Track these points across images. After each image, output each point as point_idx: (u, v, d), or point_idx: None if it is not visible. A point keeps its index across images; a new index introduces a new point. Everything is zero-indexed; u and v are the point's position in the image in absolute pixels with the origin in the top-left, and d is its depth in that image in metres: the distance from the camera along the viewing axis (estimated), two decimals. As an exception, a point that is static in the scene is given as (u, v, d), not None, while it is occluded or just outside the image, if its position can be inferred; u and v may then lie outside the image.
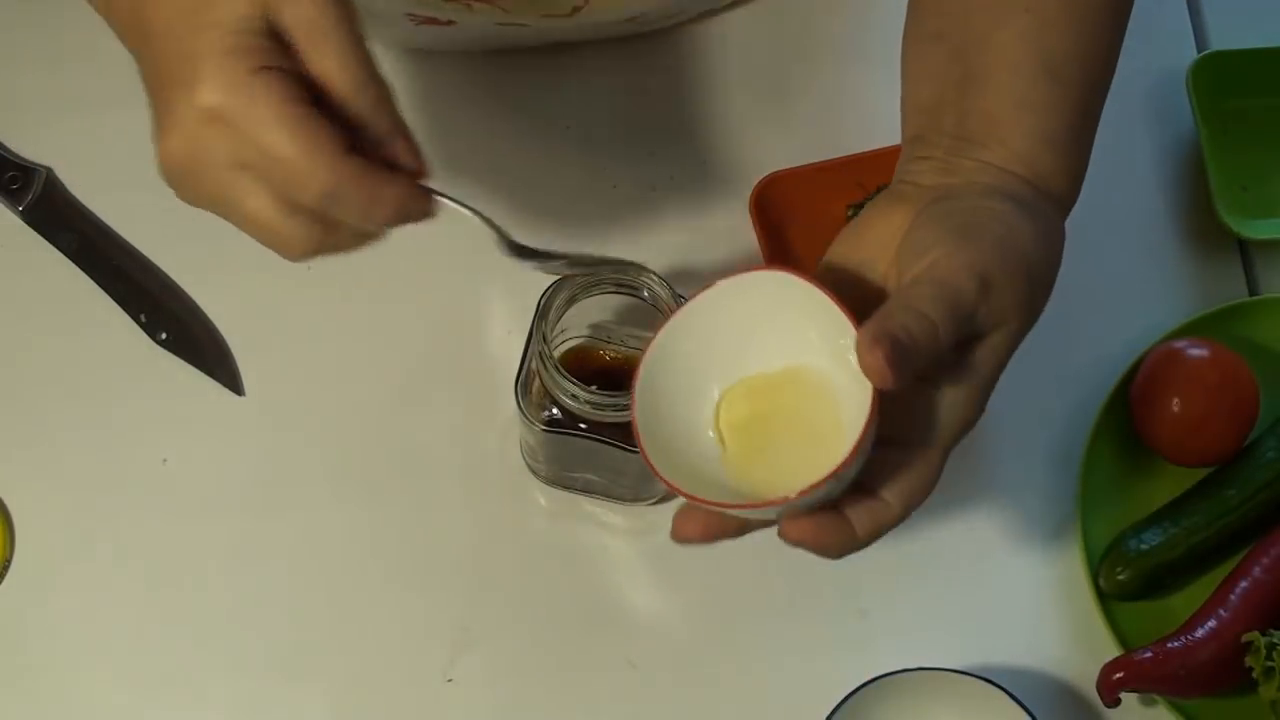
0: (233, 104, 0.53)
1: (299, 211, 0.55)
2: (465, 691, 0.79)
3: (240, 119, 0.53)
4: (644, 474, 0.79)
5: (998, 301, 0.59)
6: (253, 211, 0.55)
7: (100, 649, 0.79)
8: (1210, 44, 0.94)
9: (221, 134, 0.54)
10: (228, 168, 0.54)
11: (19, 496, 0.81)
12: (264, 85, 0.53)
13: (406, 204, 0.57)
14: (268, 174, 0.54)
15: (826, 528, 0.58)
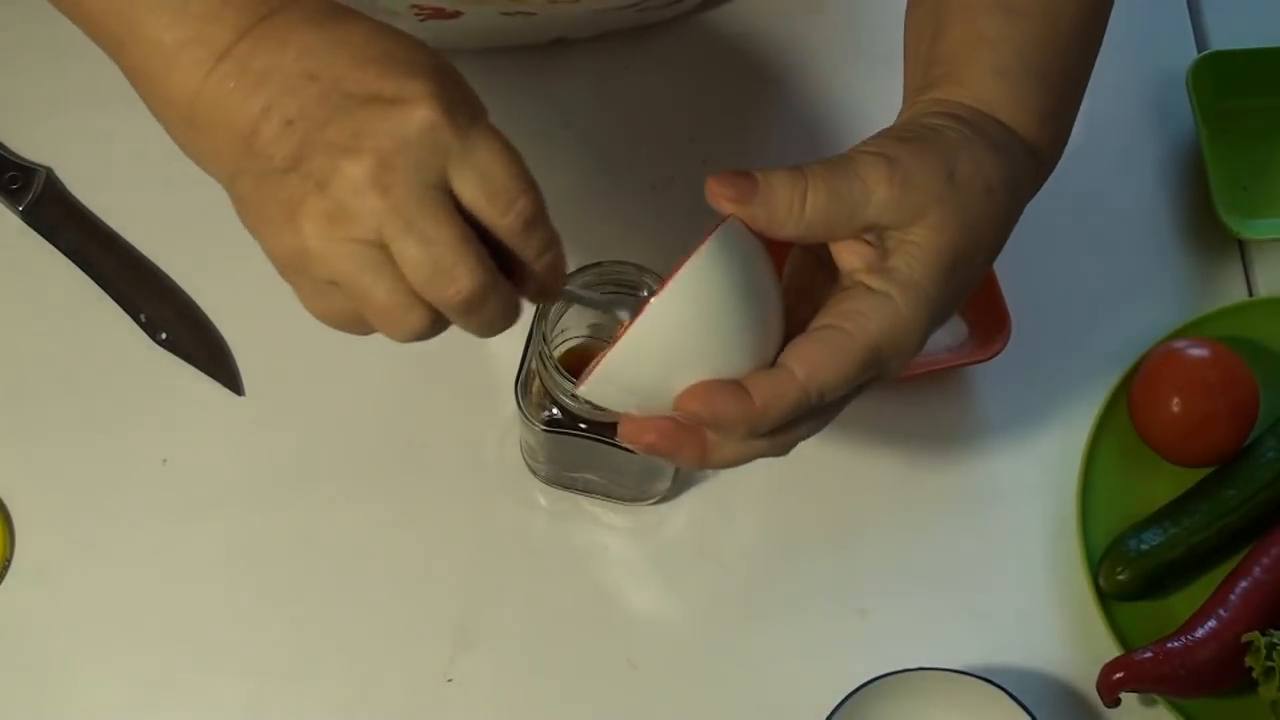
0: (452, 117, 0.52)
1: (478, 243, 0.54)
2: (465, 691, 0.79)
3: (460, 132, 0.53)
4: (644, 474, 0.79)
5: (911, 192, 0.57)
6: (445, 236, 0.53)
7: (100, 649, 0.79)
8: (1210, 44, 0.94)
9: (438, 144, 0.52)
10: (434, 188, 0.53)
11: (19, 496, 0.81)
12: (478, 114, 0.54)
13: (515, 314, 0.57)
14: (475, 186, 0.53)
15: (720, 393, 0.56)
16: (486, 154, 0.53)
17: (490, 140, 0.54)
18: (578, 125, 0.90)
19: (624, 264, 0.71)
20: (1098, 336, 0.87)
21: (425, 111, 0.52)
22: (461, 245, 0.53)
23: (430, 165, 0.53)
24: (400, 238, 0.53)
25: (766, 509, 0.84)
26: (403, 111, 0.52)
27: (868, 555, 0.83)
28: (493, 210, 0.54)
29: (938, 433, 0.85)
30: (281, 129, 0.53)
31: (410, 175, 0.52)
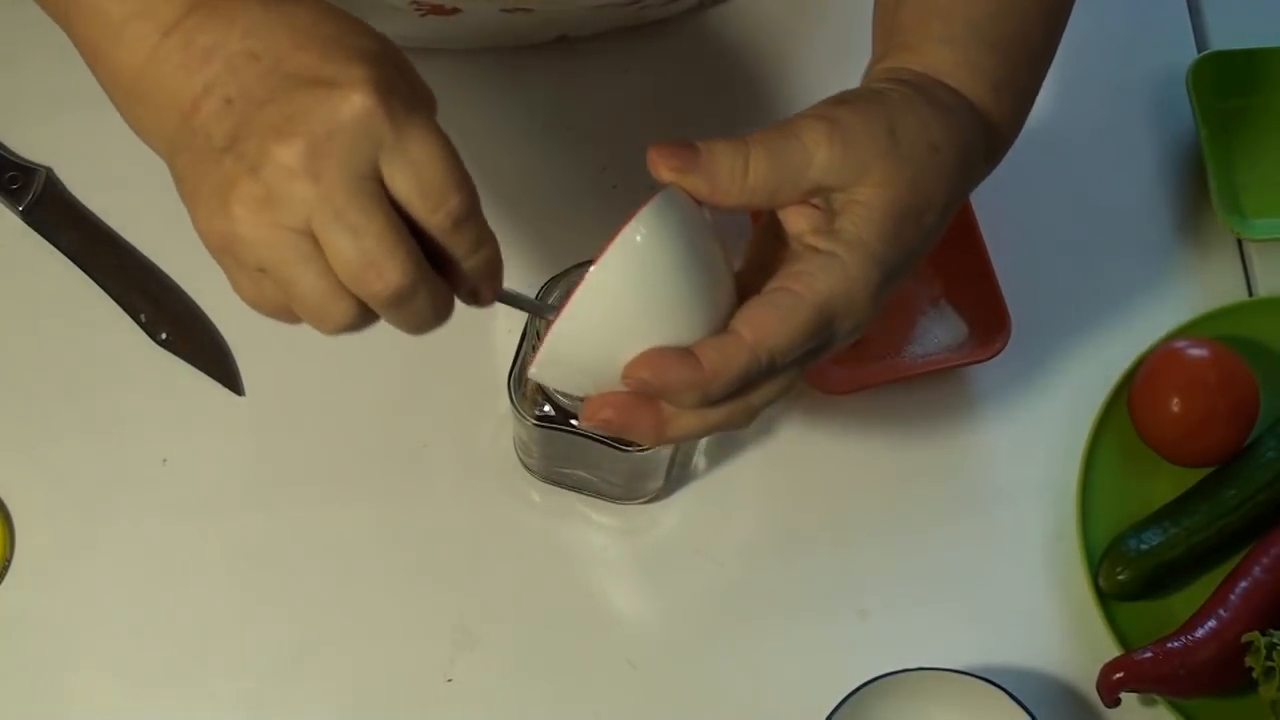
0: (389, 107, 0.51)
1: (410, 240, 0.53)
2: (465, 691, 0.79)
3: (396, 124, 0.52)
4: (635, 472, 0.79)
5: (853, 150, 0.57)
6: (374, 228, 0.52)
7: (100, 649, 0.79)
8: (1210, 44, 0.94)
9: (373, 134, 0.51)
10: (363, 175, 0.52)
11: (19, 496, 0.81)
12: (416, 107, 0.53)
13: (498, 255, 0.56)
14: (406, 181, 0.52)
15: (667, 359, 0.55)
16: (420, 148, 0.52)
17: (426, 134, 0.52)
18: (578, 126, 0.90)
19: None
20: (1098, 336, 0.87)
21: (360, 97, 0.51)
22: (391, 238, 0.52)
23: (362, 154, 0.52)
24: (328, 227, 0.52)
25: (763, 509, 0.84)
26: (338, 96, 0.51)
27: (867, 555, 0.83)
28: (423, 206, 0.53)
29: (938, 433, 0.85)
30: (221, 107, 0.53)
31: (341, 163, 0.51)
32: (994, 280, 0.83)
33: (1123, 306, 0.88)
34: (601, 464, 0.78)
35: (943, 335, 0.85)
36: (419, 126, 0.52)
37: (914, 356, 0.84)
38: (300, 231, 0.52)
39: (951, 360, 0.83)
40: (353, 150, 0.51)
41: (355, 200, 0.51)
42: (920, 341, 0.85)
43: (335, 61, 0.52)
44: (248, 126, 0.52)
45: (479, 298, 0.57)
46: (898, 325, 0.85)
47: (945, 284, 0.86)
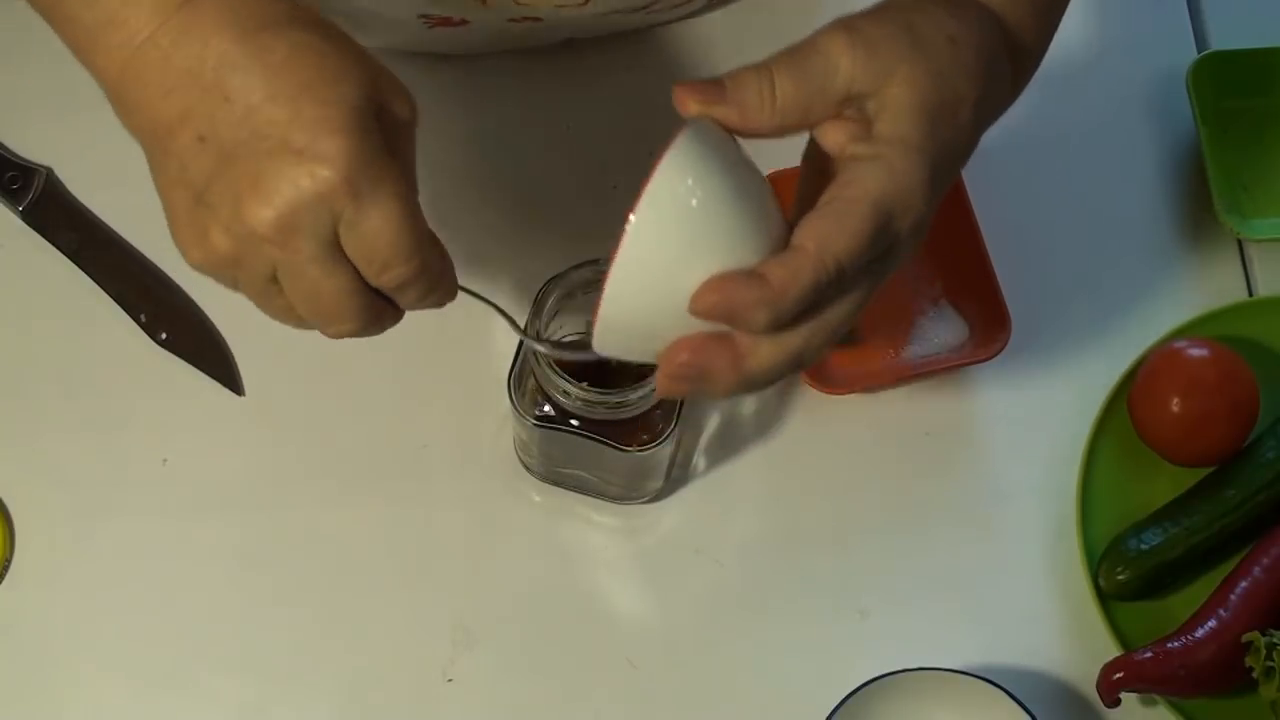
0: (361, 182, 0.54)
1: (365, 292, 0.57)
2: (465, 691, 0.79)
3: (366, 197, 0.54)
4: (634, 473, 0.79)
5: (875, 53, 0.57)
6: (331, 287, 0.56)
7: (100, 649, 0.79)
8: (1210, 44, 0.94)
9: (338, 206, 0.54)
10: (326, 242, 0.55)
11: (19, 496, 0.81)
12: (389, 168, 0.55)
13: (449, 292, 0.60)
14: (365, 251, 0.55)
15: (733, 280, 0.55)
16: (375, 223, 0.55)
17: (382, 207, 0.55)
18: (578, 126, 0.90)
19: None
20: (1098, 336, 0.87)
21: (328, 173, 0.53)
22: (344, 300, 0.57)
23: (324, 225, 0.55)
24: (291, 287, 0.57)
25: (763, 509, 0.84)
26: (304, 170, 0.53)
27: (868, 555, 0.83)
28: (370, 271, 0.56)
29: (938, 432, 0.85)
30: (194, 143, 0.55)
31: (306, 234, 0.54)
32: (994, 280, 0.83)
33: (1123, 306, 0.88)
34: (601, 464, 0.78)
35: (943, 335, 0.85)
36: (380, 198, 0.55)
37: (914, 356, 0.85)
38: (269, 278, 0.57)
39: (952, 360, 0.83)
40: (315, 222, 0.54)
41: (316, 266, 0.55)
42: (921, 342, 0.85)
43: (305, 125, 0.53)
44: (220, 179, 0.55)
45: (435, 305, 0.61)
46: (898, 325, 0.85)
47: (946, 284, 0.86)
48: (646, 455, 0.75)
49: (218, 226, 0.55)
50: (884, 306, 0.85)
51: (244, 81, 0.54)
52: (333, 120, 0.53)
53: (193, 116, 0.54)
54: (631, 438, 0.74)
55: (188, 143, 0.55)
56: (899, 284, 0.86)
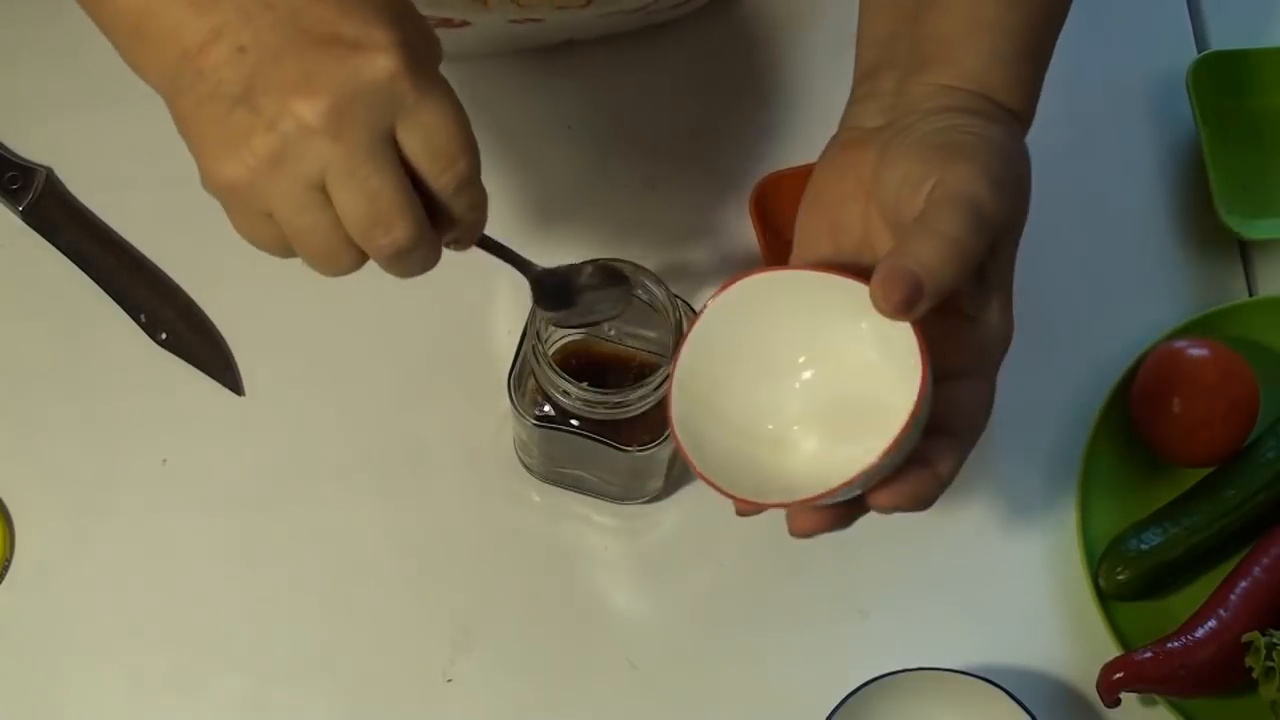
0: (411, 71, 0.53)
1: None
2: (465, 691, 0.79)
3: (415, 88, 0.53)
4: (635, 473, 0.79)
5: (1006, 205, 0.58)
6: (384, 185, 0.54)
7: (100, 649, 0.79)
8: (1210, 44, 0.94)
9: (392, 96, 0.53)
10: (379, 139, 0.53)
11: (19, 496, 0.81)
12: (435, 71, 0.54)
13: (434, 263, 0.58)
14: (418, 143, 0.54)
15: (912, 480, 0.58)
16: (436, 113, 0.54)
17: (441, 99, 0.54)
18: (577, 125, 0.90)
19: (620, 261, 0.71)
20: (1098, 336, 0.87)
21: (385, 61, 0.52)
22: (401, 200, 0.54)
23: (383, 116, 0.53)
24: (343, 186, 0.53)
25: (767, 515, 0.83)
26: (362, 58, 0.52)
27: (868, 555, 0.83)
28: (433, 168, 0.55)
29: (938, 433, 0.85)
30: (232, 54, 0.53)
31: (362, 125, 0.53)
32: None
33: (1123, 306, 0.88)
34: (602, 464, 0.78)
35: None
36: (437, 91, 0.54)
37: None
38: (313, 185, 0.54)
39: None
40: (375, 112, 0.53)
41: (371, 161, 0.53)
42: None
43: (356, 20, 0.53)
44: (264, 79, 0.53)
45: (461, 245, 0.59)
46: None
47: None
48: (647, 455, 0.75)
49: (261, 126, 0.53)
50: None
51: None
52: (383, 14, 0.53)
53: (229, 29, 0.53)
54: (632, 438, 0.74)
55: (225, 55, 0.53)
56: None
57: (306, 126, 0.52)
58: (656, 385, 0.70)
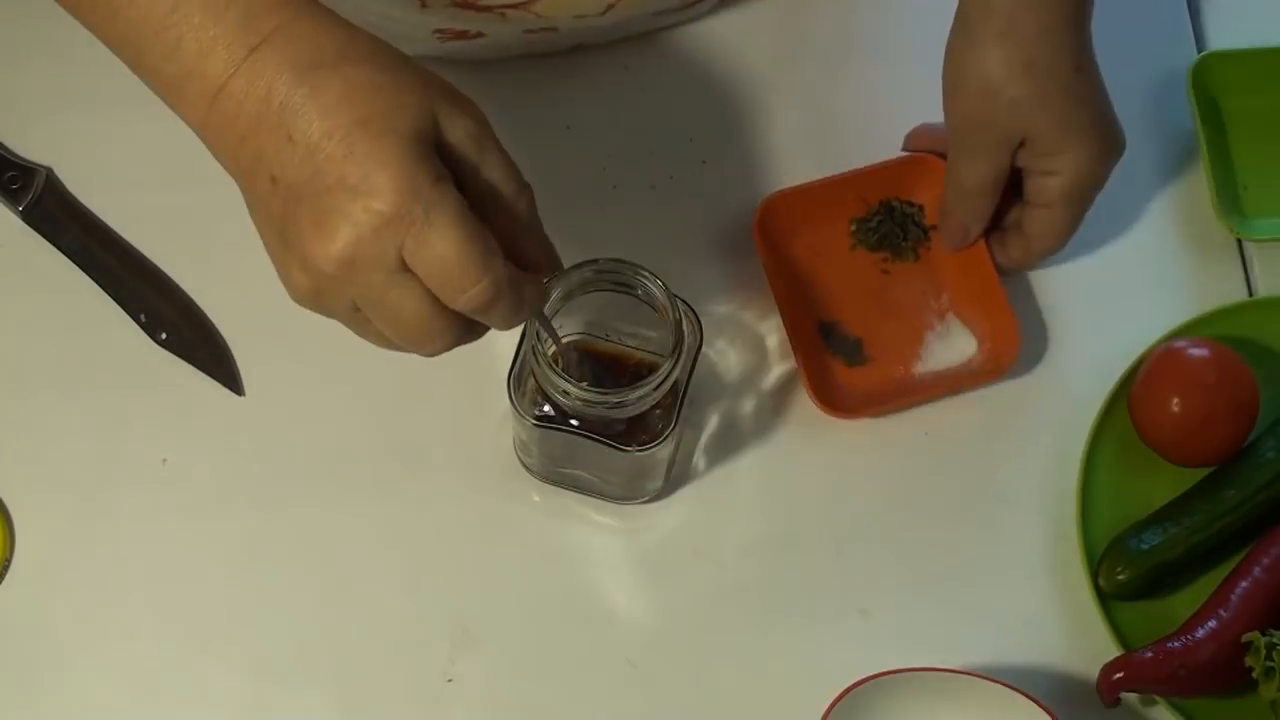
0: (415, 210, 0.55)
1: (447, 312, 0.58)
2: (465, 691, 0.79)
3: (421, 224, 0.55)
4: (635, 473, 0.79)
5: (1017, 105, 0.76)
6: (410, 312, 0.58)
7: (100, 649, 0.79)
8: (1210, 44, 0.94)
9: (396, 237, 0.55)
10: (394, 270, 0.56)
11: (19, 496, 0.81)
12: (443, 194, 0.56)
13: (536, 303, 0.62)
14: (434, 277, 0.56)
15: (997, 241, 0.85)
16: (437, 249, 0.56)
17: (447, 229, 0.56)
18: (577, 126, 0.90)
19: (620, 262, 0.71)
20: (1098, 336, 0.87)
21: (380, 206, 0.55)
22: (428, 322, 0.58)
23: (387, 254, 0.56)
24: (374, 316, 0.59)
25: (763, 509, 0.84)
26: (359, 205, 0.55)
27: (868, 555, 0.83)
28: (450, 296, 0.57)
29: (937, 432, 0.85)
30: (269, 185, 0.57)
31: (370, 268, 0.56)
32: (1000, 289, 0.84)
33: (1123, 306, 0.88)
34: (602, 464, 0.78)
35: (952, 350, 0.85)
36: (435, 226, 0.56)
37: (923, 374, 0.85)
38: (352, 310, 0.59)
39: (965, 379, 0.84)
40: (378, 255, 0.56)
41: (388, 294, 0.57)
42: (930, 358, 0.85)
43: (358, 160, 0.55)
44: (291, 219, 0.57)
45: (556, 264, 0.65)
46: (907, 343, 0.85)
47: (953, 296, 0.86)
48: (646, 455, 0.75)
49: (296, 264, 0.58)
50: (892, 324, 0.86)
51: (303, 122, 0.56)
52: (384, 152, 0.55)
53: (264, 159, 0.57)
54: (631, 437, 0.74)
55: (264, 185, 0.57)
56: (907, 300, 0.86)
57: (326, 270, 0.57)
58: (656, 385, 0.70)
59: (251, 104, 0.57)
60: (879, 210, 0.86)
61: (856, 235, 0.87)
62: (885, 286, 0.86)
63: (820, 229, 0.86)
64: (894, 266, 0.87)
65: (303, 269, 0.57)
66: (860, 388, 0.84)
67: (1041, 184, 0.80)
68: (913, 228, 0.87)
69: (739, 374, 0.85)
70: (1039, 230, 0.82)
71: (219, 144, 0.59)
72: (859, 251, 0.87)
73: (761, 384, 0.85)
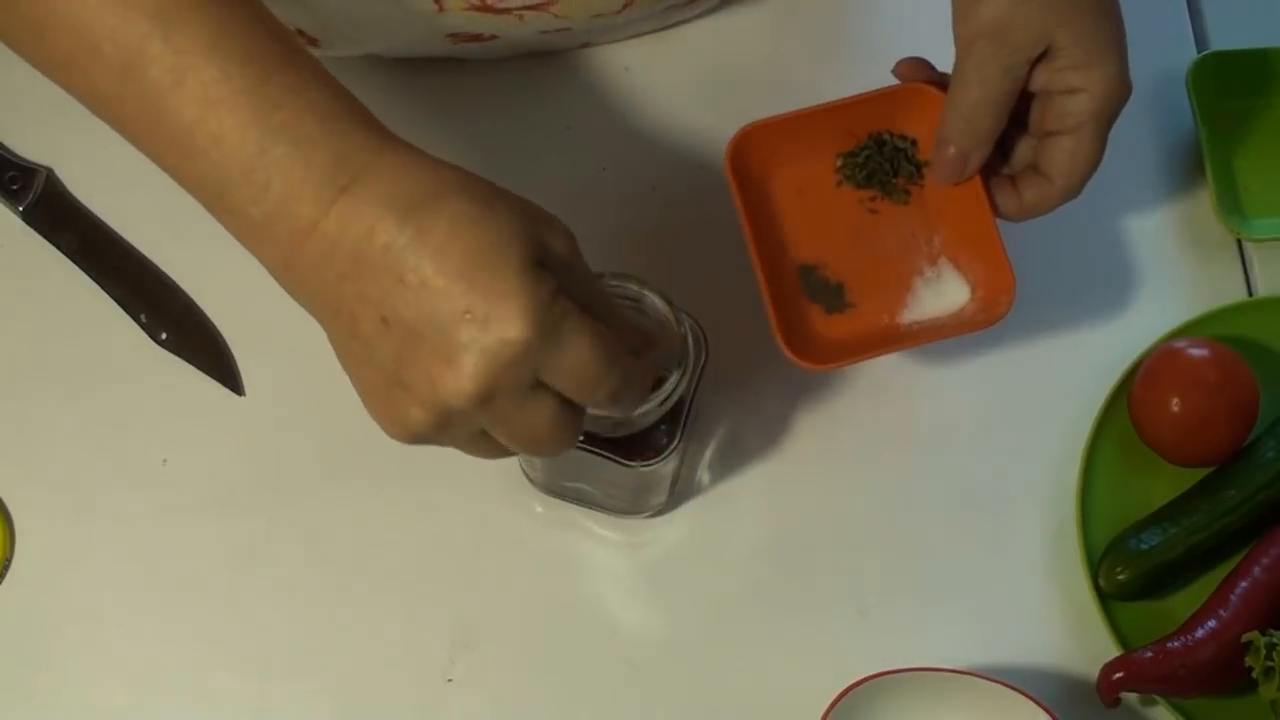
0: (547, 330, 0.55)
1: (577, 411, 0.59)
2: (465, 691, 0.79)
3: (554, 342, 0.56)
4: (639, 488, 0.79)
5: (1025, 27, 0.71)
6: (544, 422, 0.58)
7: (100, 649, 0.79)
8: (1210, 44, 0.94)
9: (531, 359, 0.56)
10: (530, 389, 0.57)
11: (19, 496, 0.82)
12: (565, 308, 0.56)
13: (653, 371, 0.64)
14: (571, 384, 0.57)
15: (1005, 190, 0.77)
16: (571, 360, 0.57)
17: (577, 338, 0.56)
18: (578, 126, 0.90)
19: (626, 276, 0.70)
20: (1098, 336, 0.87)
21: (516, 333, 0.55)
22: (557, 426, 0.58)
23: (523, 376, 0.56)
24: (503, 434, 0.59)
25: (767, 514, 0.83)
26: (493, 331, 0.55)
27: (868, 555, 0.83)
28: (582, 397, 0.58)
29: (937, 432, 0.85)
30: (379, 326, 0.56)
31: (508, 390, 0.56)
32: (996, 233, 0.77)
33: (1123, 306, 0.88)
34: (606, 478, 0.77)
35: (943, 298, 0.79)
36: (567, 341, 0.56)
37: (909, 323, 0.78)
38: (477, 435, 0.59)
39: (952, 327, 0.78)
40: (516, 378, 0.56)
41: (521, 413, 0.57)
42: (917, 306, 0.79)
43: (482, 294, 0.55)
44: (410, 359, 0.56)
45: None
46: (894, 289, 0.79)
47: (945, 239, 0.79)
48: (650, 470, 0.74)
49: (416, 405, 0.57)
50: (878, 268, 0.79)
51: (415, 263, 0.55)
52: (506, 282, 0.55)
53: (370, 299, 0.56)
54: (635, 452, 0.73)
55: (373, 326, 0.56)
56: (895, 243, 0.79)
57: (456, 409, 0.56)
58: (661, 400, 0.69)
59: (349, 244, 0.56)
60: (868, 144, 0.79)
61: (843, 171, 0.79)
62: (872, 227, 0.79)
63: (803, 164, 0.79)
64: (883, 206, 0.79)
65: (425, 406, 0.57)
66: (838, 337, 0.77)
67: (1065, 105, 0.73)
68: (905, 163, 0.79)
69: (744, 381, 0.85)
70: (1062, 163, 0.74)
71: (308, 284, 0.58)
72: (845, 189, 0.79)
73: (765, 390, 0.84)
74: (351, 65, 0.87)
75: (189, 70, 0.56)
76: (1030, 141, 0.77)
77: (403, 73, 0.89)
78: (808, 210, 0.79)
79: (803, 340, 0.77)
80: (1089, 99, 0.72)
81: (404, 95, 0.89)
